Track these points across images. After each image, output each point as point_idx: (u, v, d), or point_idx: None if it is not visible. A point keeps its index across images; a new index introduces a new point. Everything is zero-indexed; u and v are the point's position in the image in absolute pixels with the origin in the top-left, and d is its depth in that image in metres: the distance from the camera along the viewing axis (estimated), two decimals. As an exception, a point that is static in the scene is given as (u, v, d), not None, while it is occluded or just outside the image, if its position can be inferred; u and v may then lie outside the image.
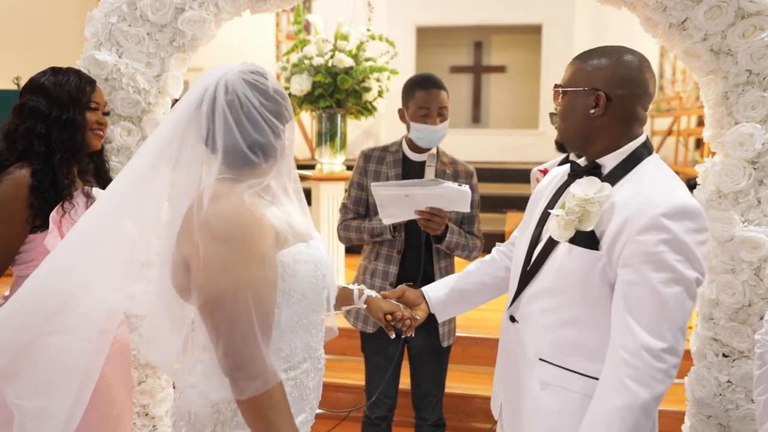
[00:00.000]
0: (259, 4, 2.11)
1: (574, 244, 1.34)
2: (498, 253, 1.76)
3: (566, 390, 1.36)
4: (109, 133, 2.05)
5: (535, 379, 1.41)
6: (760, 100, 1.78)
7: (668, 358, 1.22)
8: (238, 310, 1.11)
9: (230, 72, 1.21)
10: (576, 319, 1.36)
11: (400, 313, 1.63)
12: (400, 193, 2.07)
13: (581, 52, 1.43)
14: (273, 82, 1.24)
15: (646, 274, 1.23)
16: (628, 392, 1.21)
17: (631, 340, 1.23)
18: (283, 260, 1.20)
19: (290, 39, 7.97)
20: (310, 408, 1.32)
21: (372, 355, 2.38)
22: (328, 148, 4.15)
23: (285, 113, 1.25)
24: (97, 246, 1.29)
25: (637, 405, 1.21)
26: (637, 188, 1.31)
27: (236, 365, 1.13)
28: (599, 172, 1.38)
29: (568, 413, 1.34)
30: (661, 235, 1.22)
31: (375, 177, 2.32)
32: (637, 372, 1.21)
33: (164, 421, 2.24)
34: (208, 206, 1.15)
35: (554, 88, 1.44)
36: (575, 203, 1.33)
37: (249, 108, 1.19)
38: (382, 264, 2.29)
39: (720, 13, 1.77)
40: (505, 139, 9.20)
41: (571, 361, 1.36)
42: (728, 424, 1.89)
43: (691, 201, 1.26)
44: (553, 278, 1.39)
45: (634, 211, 1.26)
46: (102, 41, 2.05)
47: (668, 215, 1.23)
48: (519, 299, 1.48)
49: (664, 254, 1.22)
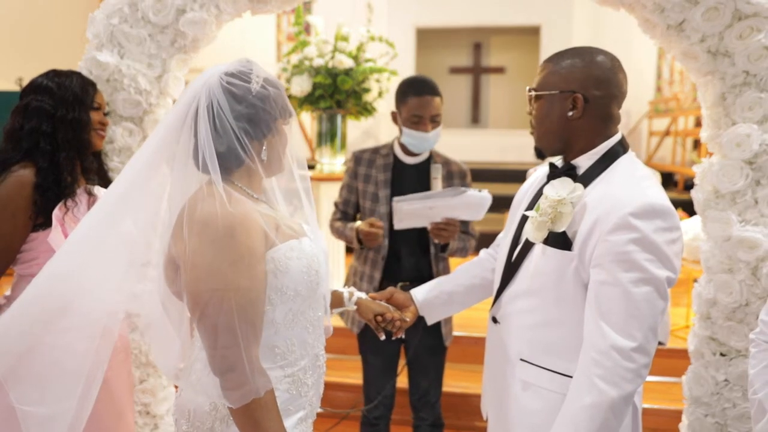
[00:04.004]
0: (260, 6, 2.12)
1: (547, 245, 1.35)
2: (486, 254, 1.77)
3: (546, 390, 1.37)
4: (111, 134, 2.07)
5: (517, 379, 1.42)
6: (757, 100, 1.80)
7: (638, 357, 1.22)
8: (223, 316, 1.13)
9: (214, 76, 1.22)
10: (553, 319, 1.36)
11: (390, 315, 1.64)
12: (425, 206, 2.09)
13: (551, 55, 1.41)
14: (256, 83, 1.23)
15: (616, 274, 1.23)
16: (597, 391, 1.22)
17: (601, 340, 1.23)
18: (274, 257, 1.21)
19: (291, 40, 7.97)
20: (310, 405, 1.32)
21: (369, 355, 2.38)
22: (328, 148, 4.16)
23: (265, 115, 1.23)
24: (99, 247, 1.29)
25: (605, 404, 1.21)
26: (607, 188, 1.31)
27: (222, 369, 1.15)
28: (574, 173, 1.38)
29: (550, 413, 1.34)
30: (630, 234, 1.22)
31: (365, 180, 2.32)
32: (606, 371, 1.22)
33: (165, 420, 2.25)
34: (195, 208, 1.17)
35: (528, 92, 1.42)
36: (548, 204, 1.33)
37: (221, 115, 1.19)
38: (369, 268, 2.30)
39: (717, 14, 1.78)
40: (504, 140, 9.21)
41: (549, 361, 1.37)
42: (725, 422, 1.90)
43: (661, 200, 1.25)
44: (530, 279, 1.40)
45: (604, 210, 1.26)
46: (104, 42, 2.06)
47: (637, 215, 1.22)
48: (500, 300, 1.49)
49: (633, 254, 1.22)
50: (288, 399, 1.25)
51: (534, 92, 1.41)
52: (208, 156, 1.19)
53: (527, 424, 1.40)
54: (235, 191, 1.22)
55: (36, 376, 1.33)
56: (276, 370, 1.24)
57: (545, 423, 1.34)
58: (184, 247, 1.15)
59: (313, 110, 4.10)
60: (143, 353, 2.16)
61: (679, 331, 3.56)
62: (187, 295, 1.18)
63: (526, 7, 8.93)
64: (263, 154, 1.25)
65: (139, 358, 2.15)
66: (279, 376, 1.24)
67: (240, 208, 1.17)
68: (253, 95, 1.22)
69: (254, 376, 1.15)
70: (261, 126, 1.23)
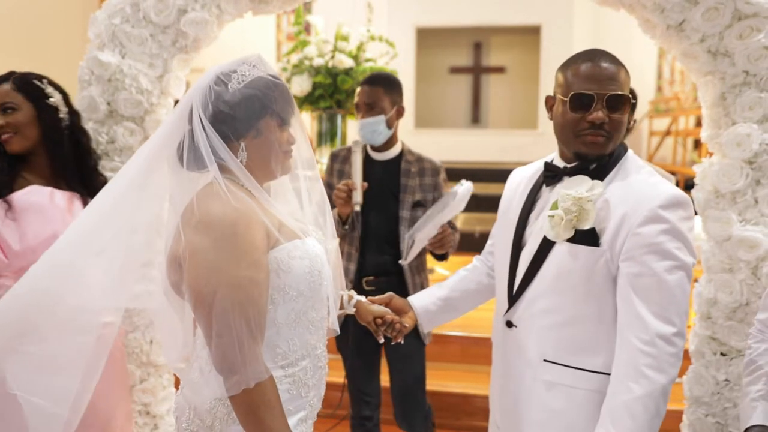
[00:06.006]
0: (261, 6, 2.12)
1: (574, 242, 1.36)
2: (479, 261, 1.78)
3: (571, 387, 1.39)
4: (112, 134, 2.08)
5: (540, 381, 1.42)
6: (757, 100, 1.80)
7: (678, 341, 1.28)
8: (226, 313, 1.13)
9: (205, 79, 1.24)
10: (579, 316, 1.38)
11: (390, 317, 1.64)
12: (437, 225, 2.15)
13: (606, 54, 1.38)
14: (237, 83, 1.22)
15: (651, 264, 1.28)
16: (646, 380, 1.25)
17: (644, 330, 1.27)
18: (277, 256, 1.21)
19: (291, 40, 7.97)
20: (310, 406, 1.32)
21: (348, 355, 2.37)
22: (328, 148, 4.17)
23: (240, 116, 1.22)
24: (95, 245, 1.29)
25: (657, 391, 1.25)
26: (628, 184, 1.36)
27: (224, 366, 1.15)
28: (587, 172, 1.40)
29: (575, 410, 1.37)
30: (660, 225, 1.28)
31: (339, 176, 2.37)
32: (654, 360, 1.26)
33: (165, 420, 2.25)
34: (199, 205, 1.17)
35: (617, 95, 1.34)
36: (570, 202, 1.34)
37: (204, 119, 1.20)
38: (345, 261, 2.31)
39: (717, 14, 1.78)
40: (505, 140, 9.22)
41: (575, 359, 1.38)
42: (726, 422, 1.90)
43: (679, 191, 1.33)
44: (554, 279, 1.40)
45: (632, 206, 1.31)
46: (105, 42, 2.06)
47: (664, 206, 1.29)
48: (517, 304, 1.48)
49: (665, 243, 1.28)
50: (288, 399, 1.25)
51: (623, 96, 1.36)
52: (205, 153, 1.20)
53: (555, 425, 1.41)
54: (239, 190, 1.22)
55: (36, 367, 1.32)
56: (277, 370, 1.24)
57: (569, 421, 1.37)
58: (187, 244, 1.16)
59: (313, 110, 4.11)
60: (143, 353, 2.16)
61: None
62: (189, 291, 1.18)
63: (526, 7, 8.94)
64: (240, 155, 1.24)
65: (139, 357, 2.15)
66: (280, 376, 1.24)
67: (243, 206, 1.18)
68: (224, 99, 1.21)
69: (252, 376, 1.15)
70: (233, 127, 1.22)
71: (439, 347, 2.84)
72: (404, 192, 2.28)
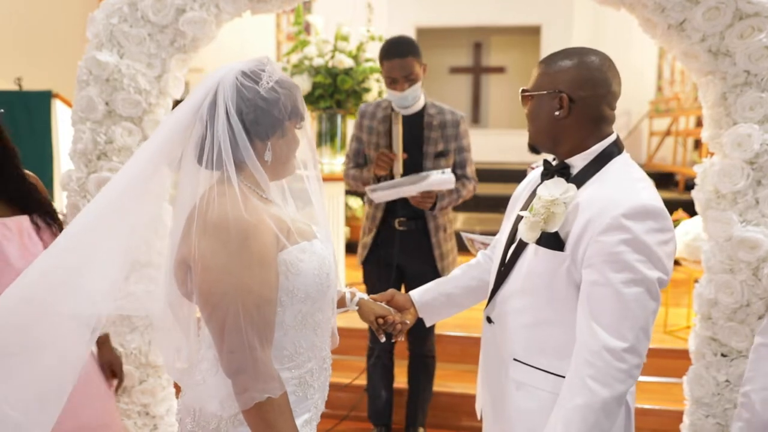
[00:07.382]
0: (260, 5, 2.12)
1: (540, 245, 1.35)
2: (483, 256, 1.78)
3: (540, 389, 1.38)
4: (111, 134, 2.07)
5: (511, 379, 1.43)
6: (758, 100, 1.79)
7: (629, 358, 1.22)
8: (233, 319, 1.12)
9: (229, 75, 1.21)
10: (545, 319, 1.37)
11: (391, 318, 1.65)
12: (395, 193, 2.37)
13: (546, 56, 1.43)
14: (267, 83, 1.22)
15: (607, 275, 1.23)
16: (588, 391, 1.22)
17: (592, 341, 1.24)
18: (286, 259, 1.21)
19: (290, 40, 7.97)
20: (315, 407, 1.32)
21: None
22: (328, 148, 4.16)
23: (270, 116, 1.22)
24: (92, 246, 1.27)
25: (597, 404, 1.22)
26: (600, 188, 1.31)
27: (234, 370, 1.14)
28: (568, 173, 1.39)
29: (544, 412, 1.34)
30: (621, 235, 1.22)
31: (368, 131, 2.58)
32: (598, 372, 1.22)
33: (165, 420, 2.24)
34: (208, 208, 1.16)
35: (521, 92, 1.45)
36: (541, 204, 1.34)
37: (233, 115, 1.19)
38: (373, 209, 2.60)
39: (718, 14, 1.78)
40: (505, 140, 9.20)
41: (542, 361, 1.38)
42: (727, 423, 1.90)
43: (654, 201, 1.26)
44: (524, 279, 1.41)
45: (597, 211, 1.26)
46: (103, 42, 2.06)
47: (628, 215, 1.22)
48: (494, 300, 1.50)
49: (624, 254, 1.22)
50: (294, 401, 1.25)
51: (525, 93, 1.44)
52: (225, 152, 1.18)
53: (522, 425, 1.41)
54: (248, 191, 1.21)
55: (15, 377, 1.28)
56: (283, 372, 1.23)
57: (539, 423, 1.35)
58: (196, 248, 1.15)
59: (313, 110, 4.10)
60: (142, 354, 2.15)
61: (679, 331, 3.55)
62: (198, 296, 1.17)
63: (526, 6, 8.93)
64: (267, 155, 1.24)
65: (138, 358, 2.15)
66: (286, 377, 1.24)
67: (252, 208, 1.17)
68: (261, 95, 1.21)
69: (261, 379, 1.14)
70: (265, 126, 1.22)
71: (439, 347, 2.84)
72: (427, 144, 2.49)
